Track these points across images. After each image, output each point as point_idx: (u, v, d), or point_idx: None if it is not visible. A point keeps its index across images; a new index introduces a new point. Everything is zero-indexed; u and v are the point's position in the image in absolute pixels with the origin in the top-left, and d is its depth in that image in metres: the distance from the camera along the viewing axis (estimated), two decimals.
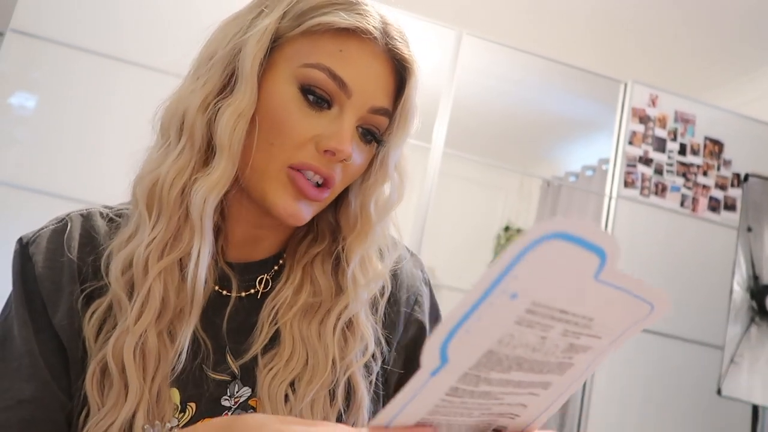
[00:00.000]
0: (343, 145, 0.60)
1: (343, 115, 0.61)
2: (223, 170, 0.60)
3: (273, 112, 0.61)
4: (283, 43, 0.62)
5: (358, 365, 0.66)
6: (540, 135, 4.45)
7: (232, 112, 0.60)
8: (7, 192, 2.05)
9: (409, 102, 0.65)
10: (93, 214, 0.68)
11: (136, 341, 0.59)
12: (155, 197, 0.61)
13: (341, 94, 0.61)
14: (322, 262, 0.69)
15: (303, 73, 0.61)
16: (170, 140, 0.63)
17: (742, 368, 2.25)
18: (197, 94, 0.62)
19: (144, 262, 0.60)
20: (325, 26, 0.60)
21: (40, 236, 0.65)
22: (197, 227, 0.60)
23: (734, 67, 3.33)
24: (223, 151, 0.60)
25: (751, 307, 2.32)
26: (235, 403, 0.64)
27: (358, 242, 0.67)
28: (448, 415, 0.38)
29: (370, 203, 0.68)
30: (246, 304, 0.68)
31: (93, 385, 0.60)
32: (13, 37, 2.10)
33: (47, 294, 0.63)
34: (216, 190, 0.60)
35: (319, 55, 0.61)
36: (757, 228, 2.38)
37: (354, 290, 0.66)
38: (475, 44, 2.61)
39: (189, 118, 0.61)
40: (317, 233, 0.71)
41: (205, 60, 0.64)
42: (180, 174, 0.61)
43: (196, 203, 0.60)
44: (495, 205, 4.91)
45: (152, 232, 0.61)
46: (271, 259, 0.70)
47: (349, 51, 0.61)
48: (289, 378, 0.63)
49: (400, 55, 0.64)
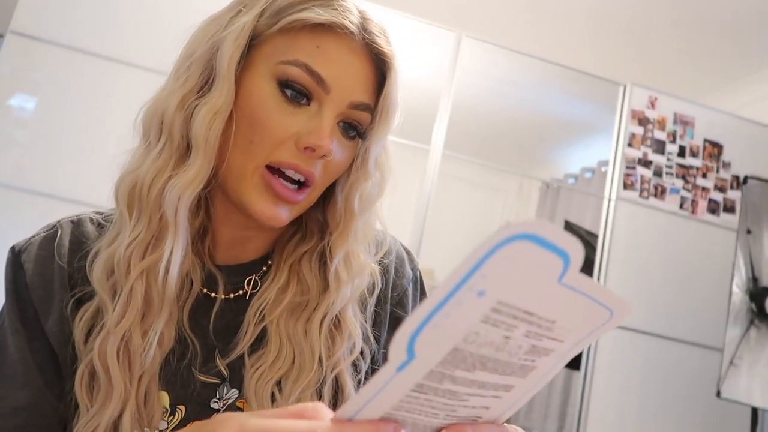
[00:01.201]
0: (322, 141, 0.60)
1: (322, 111, 0.61)
2: (198, 168, 0.60)
3: (252, 110, 0.61)
4: (262, 41, 0.62)
5: (346, 363, 0.65)
6: (539, 137, 4.45)
7: (208, 110, 0.59)
8: (7, 193, 2.05)
9: (389, 97, 0.64)
10: (83, 220, 0.69)
11: (119, 341, 0.59)
12: (135, 197, 0.61)
13: (319, 90, 0.61)
14: (310, 260, 0.69)
15: (281, 69, 0.60)
16: (150, 140, 0.63)
17: (742, 370, 2.25)
18: (176, 93, 0.62)
19: (126, 263, 0.60)
20: (302, 22, 0.60)
21: (31, 244, 0.65)
22: (171, 224, 0.60)
23: (733, 69, 3.33)
24: (198, 148, 0.60)
25: (750, 309, 2.32)
26: (224, 405, 0.64)
27: (342, 238, 0.67)
28: (413, 413, 0.38)
29: (354, 199, 0.67)
30: (234, 305, 0.68)
31: (82, 388, 0.60)
32: (12, 39, 2.10)
33: (38, 301, 0.63)
34: (191, 188, 0.60)
35: (296, 51, 0.60)
36: (757, 230, 2.38)
37: (337, 286, 0.66)
38: (474, 46, 2.61)
39: (168, 118, 0.61)
40: (306, 231, 0.71)
41: (185, 59, 0.64)
42: (159, 173, 0.61)
43: (170, 200, 0.59)
44: (494, 207, 4.91)
45: (132, 232, 0.60)
46: (260, 260, 0.70)
47: (326, 46, 0.61)
48: (275, 377, 0.63)
49: (379, 50, 0.63)
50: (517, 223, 0.31)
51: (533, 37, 3.38)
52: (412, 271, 0.77)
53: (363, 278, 0.68)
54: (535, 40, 3.38)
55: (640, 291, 2.61)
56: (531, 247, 0.31)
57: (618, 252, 2.60)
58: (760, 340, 2.27)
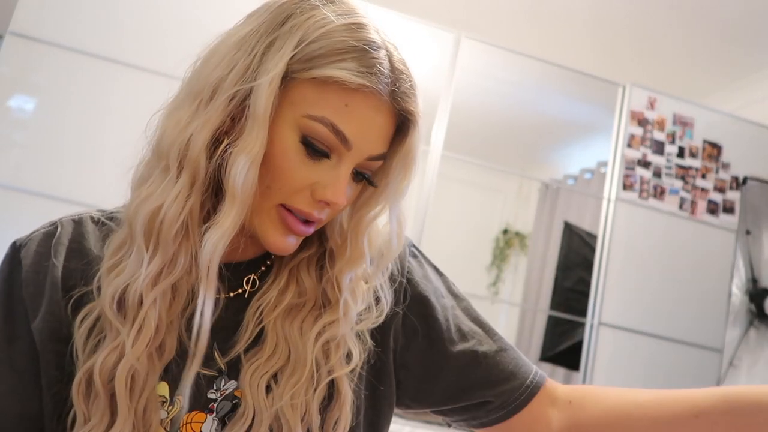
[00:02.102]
0: (337, 198, 0.61)
1: (340, 166, 0.62)
2: (233, 218, 0.59)
3: (273, 157, 0.60)
4: (290, 85, 0.60)
5: (344, 371, 0.66)
6: (538, 138, 4.45)
7: (245, 159, 0.58)
8: (6, 194, 2.05)
9: (411, 154, 0.66)
10: (84, 219, 0.69)
11: (129, 368, 0.59)
12: (153, 231, 0.60)
13: (341, 147, 0.61)
14: (308, 266, 0.70)
15: (306, 124, 0.60)
16: (170, 171, 0.61)
17: (741, 371, 2.25)
18: (202, 130, 0.60)
19: (140, 294, 0.60)
20: (333, 80, 0.59)
21: (31, 240, 0.66)
22: (203, 275, 0.60)
23: (732, 70, 3.34)
24: (234, 199, 0.59)
25: (749, 310, 2.32)
26: (221, 395, 0.65)
27: (348, 268, 0.68)
28: None
29: (363, 234, 0.69)
30: (233, 303, 0.68)
31: (79, 395, 0.60)
32: (12, 40, 2.10)
33: (29, 298, 0.63)
34: (225, 238, 0.60)
35: (324, 107, 0.59)
36: (756, 231, 2.38)
37: (345, 316, 0.67)
38: (473, 47, 2.62)
39: (192, 155, 0.60)
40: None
41: (209, 87, 0.61)
42: (180, 212, 0.60)
43: (206, 253, 0.59)
44: (493, 208, 4.91)
45: (149, 266, 0.60)
46: (259, 260, 0.71)
47: (355, 105, 0.60)
48: (271, 371, 0.64)
49: (407, 110, 0.64)
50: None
51: (532, 37, 3.38)
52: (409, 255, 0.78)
53: (366, 302, 0.70)
54: (534, 41, 3.39)
55: (639, 292, 2.61)
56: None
57: (617, 253, 2.60)
58: (759, 340, 2.28)
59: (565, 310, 3.11)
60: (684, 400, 0.66)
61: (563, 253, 3.39)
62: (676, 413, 0.65)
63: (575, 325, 2.96)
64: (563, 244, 3.42)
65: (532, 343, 4.15)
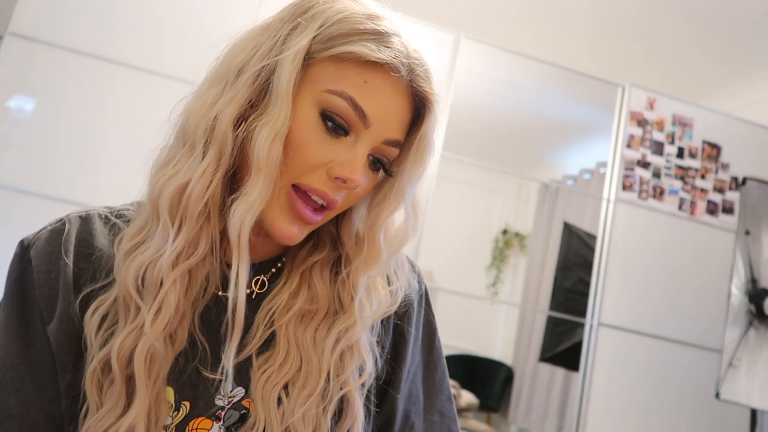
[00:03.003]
0: (354, 175, 0.61)
1: (357, 145, 0.62)
2: (260, 191, 0.60)
3: (292, 133, 0.61)
4: (311, 64, 0.62)
5: (356, 385, 0.66)
6: (538, 138, 4.46)
7: (269, 132, 0.59)
8: (6, 195, 2.05)
9: (426, 139, 0.65)
10: (92, 216, 0.68)
11: (148, 348, 0.59)
12: (180, 208, 0.61)
13: (359, 124, 0.61)
14: (321, 270, 0.70)
15: (326, 98, 0.61)
16: (196, 149, 0.62)
17: (741, 372, 2.25)
18: (229, 106, 0.61)
19: (162, 273, 0.60)
20: (353, 56, 0.60)
21: (39, 239, 0.65)
22: (235, 247, 0.60)
23: (732, 70, 3.34)
24: (260, 171, 0.60)
25: (749, 310, 2.32)
26: (229, 402, 0.64)
27: (365, 268, 0.68)
28: None
29: (380, 232, 0.68)
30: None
31: (93, 384, 0.60)
32: (11, 41, 2.10)
33: (45, 300, 0.63)
34: (253, 210, 0.60)
35: (344, 83, 0.61)
36: (755, 231, 2.39)
37: (361, 318, 0.66)
38: (473, 48, 2.62)
39: (220, 131, 0.61)
40: (318, 241, 0.71)
41: (234, 69, 0.63)
42: (206, 187, 0.61)
43: (235, 223, 0.60)
44: (493, 209, 4.92)
45: (175, 242, 0.60)
46: (271, 261, 0.71)
47: (374, 83, 0.61)
48: (282, 381, 0.63)
49: (423, 93, 0.64)
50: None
51: (532, 38, 3.39)
52: (418, 284, 0.77)
53: (382, 309, 0.69)
54: (533, 42, 3.39)
55: (638, 292, 2.61)
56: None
57: (617, 253, 2.61)
58: (759, 341, 2.28)
59: (565, 311, 3.11)
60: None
61: (563, 253, 3.39)
62: None
63: (575, 325, 2.96)
64: (563, 244, 3.42)
65: (531, 343, 4.15)
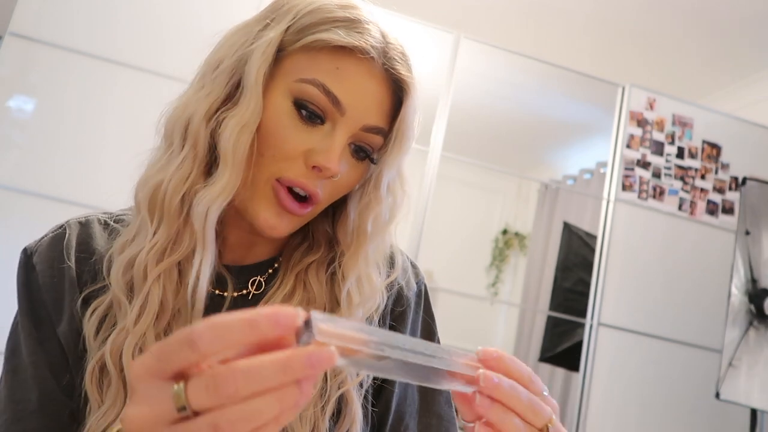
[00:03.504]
0: (330, 163, 0.60)
1: (334, 132, 0.62)
2: (226, 181, 0.60)
3: (266, 124, 0.61)
4: (284, 56, 0.62)
5: (353, 384, 0.66)
6: (538, 138, 4.46)
7: (236, 123, 0.60)
8: (5, 195, 2.05)
9: (404, 122, 0.65)
10: (91, 221, 0.70)
11: (135, 342, 0.60)
12: (157, 203, 0.62)
13: (334, 111, 0.61)
14: (317, 271, 0.69)
15: (298, 87, 0.61)
16: (173, 146, 0.63)
17: (741, 372, 2.25)
18: (202, 102, 0.62)
19: (144, 266, 0.61)
20: (323, 43, 0.60)
21: (41, 245, 0.67)
22: (199, 237, 0.61)
23: (732, 70, 3.34)
24: (226, 162, 0.60)
25: (749, 310, 2.32)
26: None
27: (353, 260, 0.67)
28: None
29: (368, 222, 0.68)
30: (237, 303, 0.69)
31: (92, 383, 0.61)
32: (11, 41, 2.10)
33: (51, 302, 0.64)
34: (218, 201, 0.60)
35: (316, 71, 0.61)
36: (755, 231, 2.38)
37: (348, 308, 0.66)
38: (473, 48, 2.62)
39: (193, 127, 0.62)
40: (313, 242, 0.71)
41: (211, 68, 0.64)
42: (182, 182, 0.62)
43: (198, 213, 0.60)
44: (493, 209, 4.92)
45: (154, 237, 0.61)
46: (266, 263, 0.71)
47: (346, 69, 0.61)
48: None
49: (397, 76, 0.64)
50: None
51: (531, 38, 3.39)
52: (417, 285, 0.77)
53: (374, 301, 0.69)
54: (533, 42, 3.39)
55: (638, 292, 2.61)
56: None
57: (617, 253, 2.61)
58: (759, 341, 2.28)
59: (565, 311, 3.11)
60: None
61: (563, 253, 3.39)
62: None
63: (575, 325, 2.96)
64: (562, 244, 3.42)
65: (531, 343, 4.15)
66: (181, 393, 0.36)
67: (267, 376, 0.35)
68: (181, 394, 0.36)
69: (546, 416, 0.46)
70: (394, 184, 0.68)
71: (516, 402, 0.45)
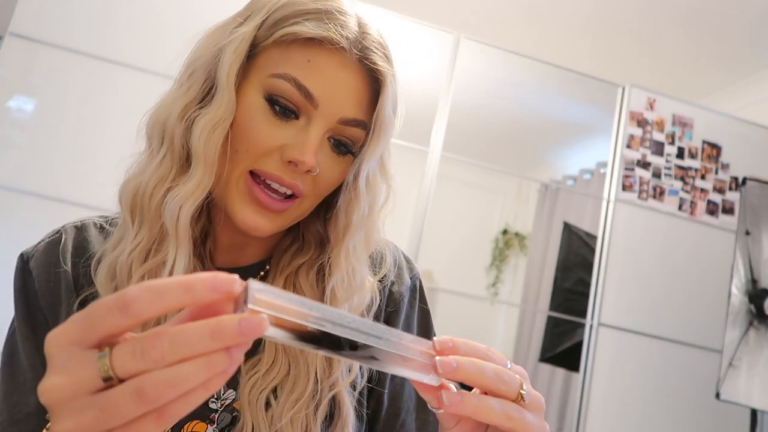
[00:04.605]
0: (304, 156, 0.59)
1: (309, 126, 0.61)
2: (199, 179, 0.60)
3: (240, 121, 0.61)
4: (258, 52, 0.62)
5: (345, 384, 0.65)
6: (538, 138, 4.46)
7: (207, 121, 0.60)
8: (5, 195, 2.05)
9: (381, 114, 0.63)
10: (87, 225, 0.70)
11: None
12: (137, 204, 0.62)
13: (308, 105, 0.60)
14: (307, 273, 0.68)
15: (270, 83, 0.60)
16: (153, 147, 0.63)
17: (741, 372, 2.25)
18: (178, 102, 0.62)
19: (127, 269, 0.61)
20: (293, 36, 0.60)
21: (38, 250, 0.67)
22: (172, 235, 0.61)
23: (732, 70, 3.34)
24: (198, 160, 0.60)
25: (749, 310, 2.32)
26: (222, 405, 0.64)
27: (337, 256, 0.66)
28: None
29: (353, 218, 0.66)
30: None
31: None
32: (11, 41, 2.10)
33: (48, 307, 0.64)
34: (191, 199, 0.60)
35: (287, 65, 0.60)
36: (755, 231, 2.38)
37: (334, 304, 0.65)
38: (473, 48, 2.62)
39: (169, 127, 0.62)
40: (303, 244, 0.71)
41: (188, 67, 0.64)
42: (160, 182, 0.61)
43: (171, 210, 0.60)
44: (493, 209, 4.92)
45: (135, 239, 0.61)
46: (258, 265, 0.71)
47: (317, 61, 0.60)
48: (270, 386, 0.63)
49: (372, 67, 0.62)
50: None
51: (532, 38, 3.39)
52: (411, 279, 0.76)
53: (363, 296, 0.68)
54: (533, 42, 3.39)
55: (638, 292, 2.61)
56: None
57: (617, 253, 2.60)
58: (759, 341, 2.28)
59: (565, 311, 3.11)
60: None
61: (563, 253, 3.39)
62: None
63: (575, 325, 2.96)
64: (563, 244, 3.42)
65: (531, 344, 4.15)
66: (106, 358, 0.35)
67: (195, 341, 0.34)
68: (106, 359, 0.35)
69: (516, 384, 0.45)
70: (374, 177, 0.67)
71: (481, 377, 0.44)
